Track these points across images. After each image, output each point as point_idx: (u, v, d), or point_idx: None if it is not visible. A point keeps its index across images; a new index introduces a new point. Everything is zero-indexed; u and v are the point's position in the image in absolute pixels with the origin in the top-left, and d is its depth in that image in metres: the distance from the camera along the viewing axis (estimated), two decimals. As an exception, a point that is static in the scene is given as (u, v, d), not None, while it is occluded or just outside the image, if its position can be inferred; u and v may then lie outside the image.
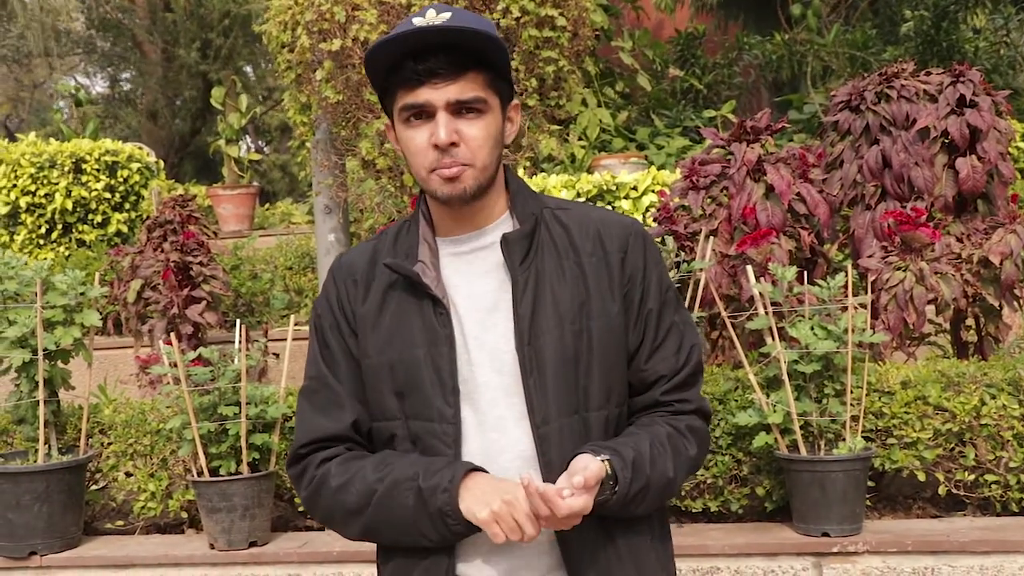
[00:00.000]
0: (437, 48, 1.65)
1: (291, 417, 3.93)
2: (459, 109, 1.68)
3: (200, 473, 3.81)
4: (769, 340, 3.58)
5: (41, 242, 8.05)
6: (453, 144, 1.67)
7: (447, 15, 1.66)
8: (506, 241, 1.73)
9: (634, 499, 1.65)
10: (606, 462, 1.61)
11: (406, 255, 1.77)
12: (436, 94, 1.66)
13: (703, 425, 1.80)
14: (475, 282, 1.76)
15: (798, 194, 4.16)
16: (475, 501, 1.60)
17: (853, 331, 3.47)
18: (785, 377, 3.48)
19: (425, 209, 1.82)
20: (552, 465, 1.66)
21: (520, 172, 6.37)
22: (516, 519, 1.57)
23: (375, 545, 1.82)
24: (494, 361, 1.71)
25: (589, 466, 1.57)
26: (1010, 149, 5.46)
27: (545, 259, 1.74)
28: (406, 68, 1.66)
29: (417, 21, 1.66)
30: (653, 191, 6.11)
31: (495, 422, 1.70)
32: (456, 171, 1.68)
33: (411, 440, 1.72)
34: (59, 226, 8.05)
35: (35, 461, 3.97)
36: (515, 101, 1.80)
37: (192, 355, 3.93)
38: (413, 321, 1.73)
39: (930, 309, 3.94)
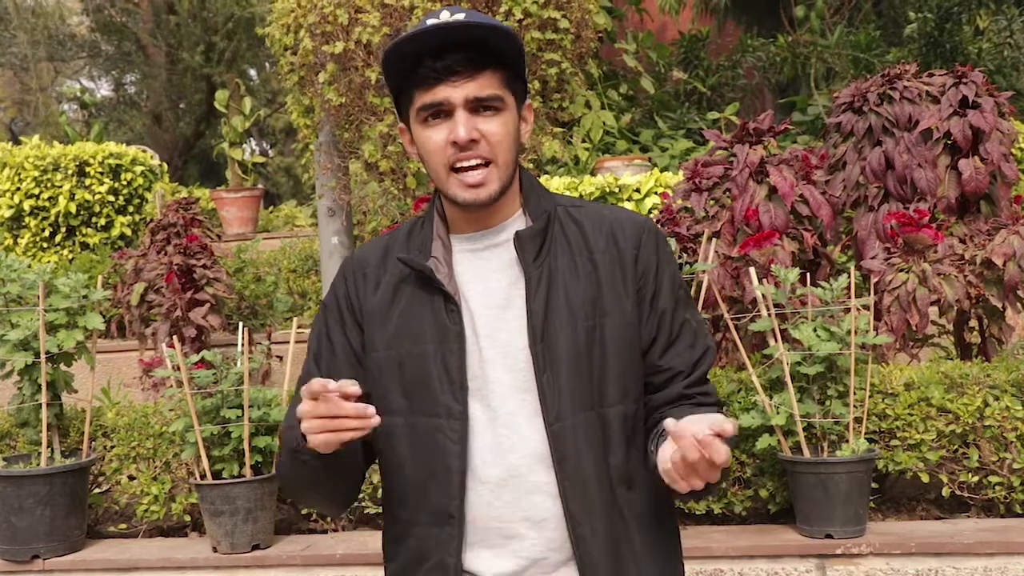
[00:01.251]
0: (455, 46, 1.65)
1: (294, 420, 3.94)
2: (477, 107, 1.68)
3: (203, 476, 3.81)
4: (772, 342, 3.58)
5: (45, 245, 8.07)
6: (473, 141, 1.67)
7: (462, 15, 1.67)
8: (519, 238, 1.73)
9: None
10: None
11: (419, 251, 1.77)
12: (455, 92, 1.66)
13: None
14: (488, 279, 1.76)
15: (801, 195, 4.16)
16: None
17: (856, 333, 3.46)
18: (788, 379, 3.48)
19: (440, 206, 1.81)
20: (566, 462, 1.66)
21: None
22: (325, 411, 1.53)
23: (379, 547, 1.82)
24: (506, 358, 1.71)
25: (726, 424, 1.47)
26: (1013, 150, 5.46)
27: (558, 256, 1.74)
28: (424, 66, 1.66)
29: (432, 22, 1.66)
30: (656, 193, 6.11)
31: (506, 419, 1.70)
32: (480, 177, 1.68)
33: (411, 435, 1.72)
34: (63, 229, 8.06)
35: (38, 464, 3.97)
36: (528, 101, 1.80)
37: (195, 358, 3.93)
38: (423, 317, 1.73)
39: (933, 310, 3.93)
